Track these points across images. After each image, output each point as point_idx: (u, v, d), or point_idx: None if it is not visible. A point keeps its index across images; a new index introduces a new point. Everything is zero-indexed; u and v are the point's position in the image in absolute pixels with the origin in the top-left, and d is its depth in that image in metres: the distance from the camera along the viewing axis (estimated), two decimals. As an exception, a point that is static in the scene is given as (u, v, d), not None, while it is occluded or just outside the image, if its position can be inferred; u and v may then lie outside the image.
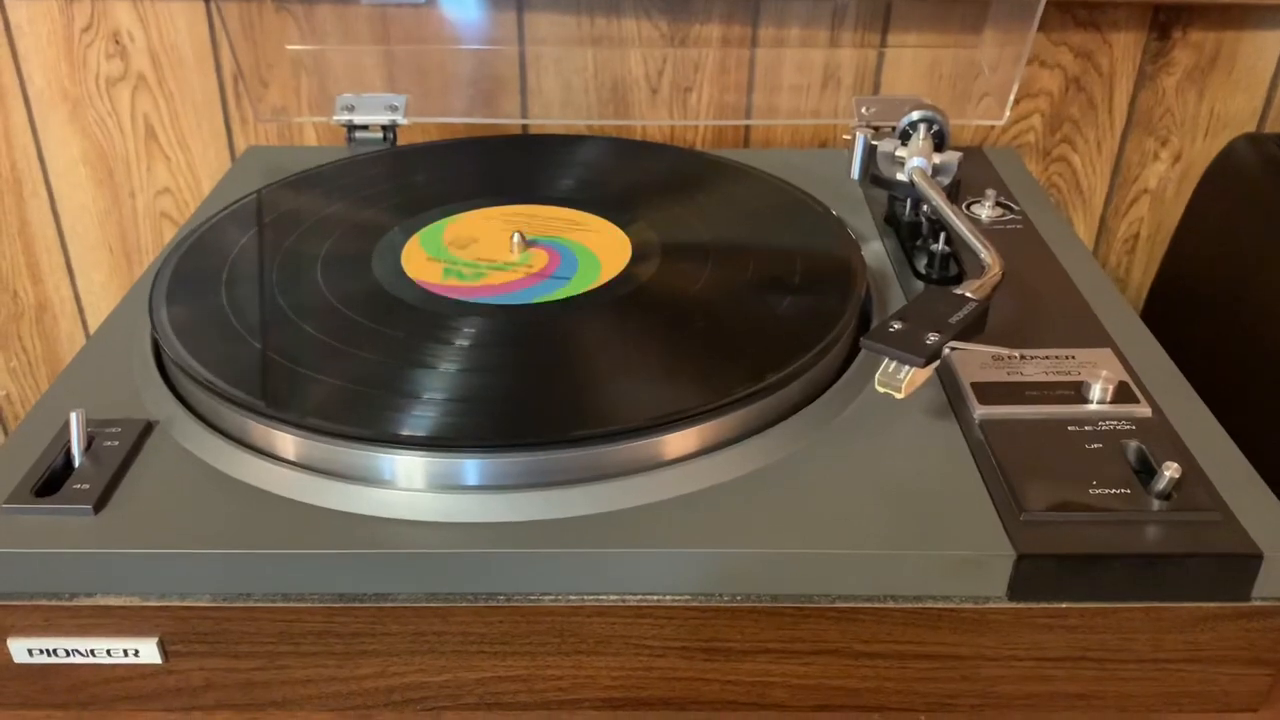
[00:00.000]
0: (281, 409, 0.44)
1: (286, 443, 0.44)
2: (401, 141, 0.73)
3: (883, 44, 0.82)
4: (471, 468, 0.42)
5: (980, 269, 0.48)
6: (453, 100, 0.82)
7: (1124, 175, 0.89)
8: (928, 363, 0.40)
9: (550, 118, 0.85)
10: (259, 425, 0.44)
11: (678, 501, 0.42)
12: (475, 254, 0.56)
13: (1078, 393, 0.47)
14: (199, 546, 0.40)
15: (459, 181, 0.65)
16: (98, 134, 0.86)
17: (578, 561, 0.40)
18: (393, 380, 0.46)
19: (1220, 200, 0.78)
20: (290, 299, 0.52)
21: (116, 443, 0.44)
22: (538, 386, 0.46)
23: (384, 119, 0.72)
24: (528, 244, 0.57)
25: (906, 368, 0.40)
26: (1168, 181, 0.89)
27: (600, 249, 0.56)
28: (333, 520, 0.41)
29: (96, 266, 0.92)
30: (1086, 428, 0.45)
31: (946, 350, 0.41)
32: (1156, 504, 0.41)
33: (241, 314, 0.50)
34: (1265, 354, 0.67)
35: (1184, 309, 0.80)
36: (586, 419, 0.43)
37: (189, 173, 0.88)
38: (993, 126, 0.84)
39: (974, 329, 0.42)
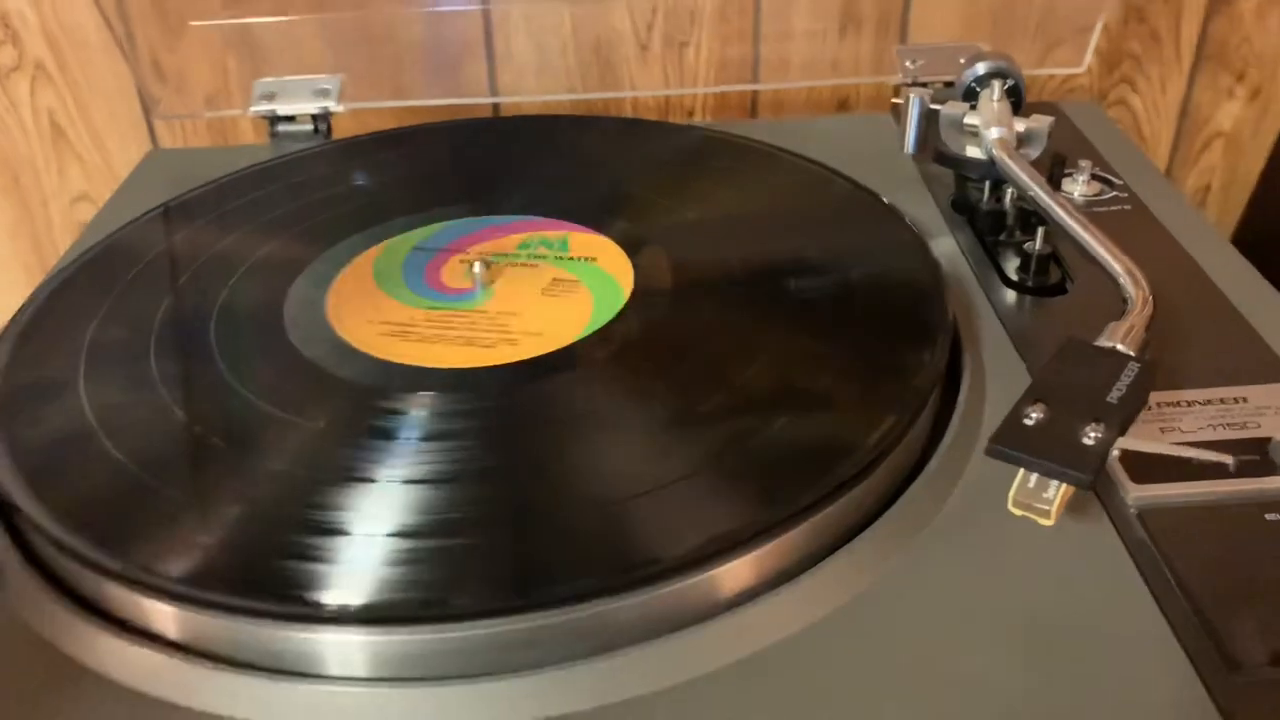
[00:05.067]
0: (153, 567, 0.30)
1: (166, 617, 0.30)
2: (344, 132, 0.59)
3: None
4: (437, 647, 0.29)
5: (1123, 299, 0.34)
6: (407, 77, 0.68)
7: (1193, 118, 0.78)
8: (1095, 477, 0.27)
9: (523, 93, 0.72)
10: (122, 592, 0.31)
11: (709, 681, 0.29)
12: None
13: (1265, 456, 0.34)
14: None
15: (400, 189, 0.51)
16: (-4, 134, 0.72)
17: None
18: (315, 507, 0.32)
19: None
20: (174, 390, 0.38)
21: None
22: (532, 504, 0.33)
23: (312, 107, 0.58)
24: (493, 276, 0.43)
25: (1056, 483, 0.27)
26: (1244, 122, 0.78)
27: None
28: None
29: (11, 288, 0.79)
30: (1292, 514, 0.32)
31: (1115, 452, 0.27)
32: None
33: (101, 421, 0.36)
34: None
35: (1272, 266, 0.70)
36: (609, 559, 0.30)
37: (108, 174, 0.75)
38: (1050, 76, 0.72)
39: (1141, 400, 0.29)
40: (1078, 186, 0.49)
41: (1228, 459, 0.28)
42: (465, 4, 0.69)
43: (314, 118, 0.58)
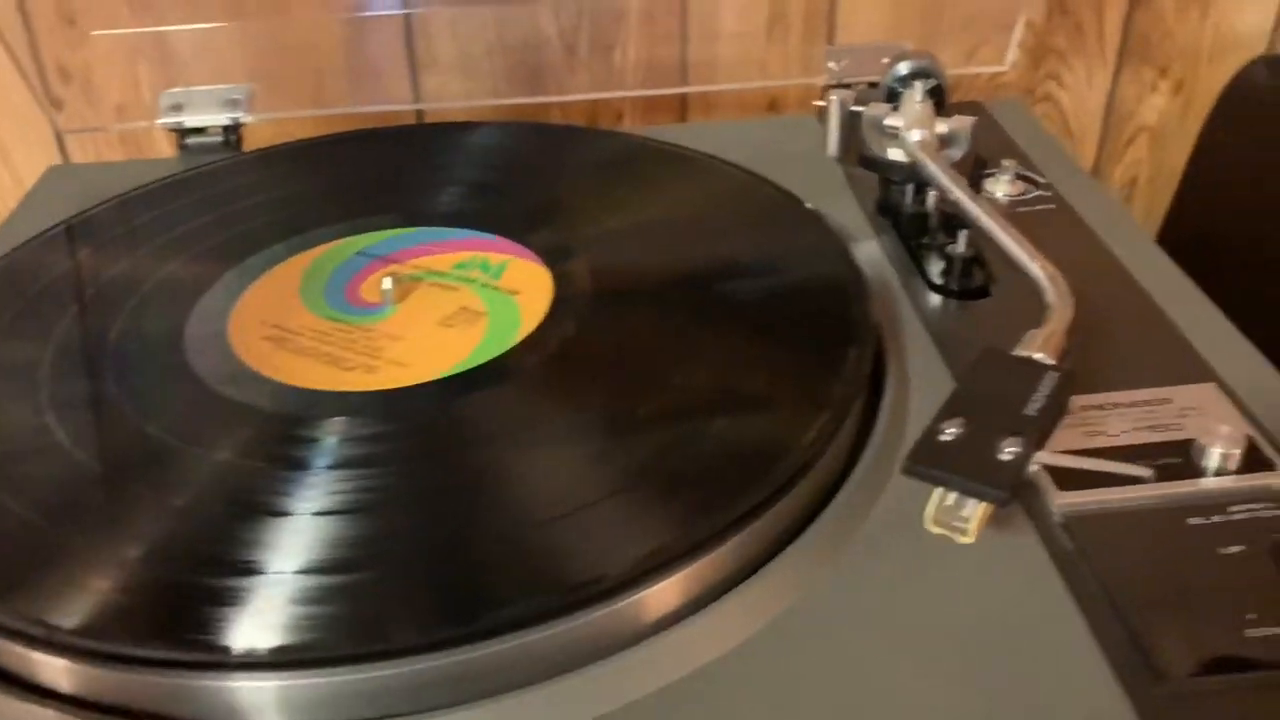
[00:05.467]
0: (44, 618, 0.29)
1: (61, 673, 0.29)
2: (267, 143, 0.57)
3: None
4: (354, 688, 0.28)
5: (1042, 301, 0.34)
6: (327, 84, 0.66)
7: (1119, 112, 0.78)
8: (1012, 494, 0.26)
9: (448, 98, 0.70)
10: (6, 645, 0.29)
11: (635, 711, 0.28)
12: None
13: (1188, 459, 0.34)
14: None
15: (305, 202, 0.49)
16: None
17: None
18: (218, 547, 0.31)
19: (1235, 135, 0.68)
20: (69, 428, 0.36)
21: None
22: (451, 532, 0.31)
23: (222, 118, 0.56)
24: (404, 293, 0.42)
25: (974, 500, 0.26)
26: (1169, 116, 0.78)
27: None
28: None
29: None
30: (1214, 518, 0.32)
31: (1033, 467, 0.27)
32: (1349, 647, 0.28)
33: None
34: None
35: (1198, 262, 0.70)
36: (541, 580, 0.29)
37: (16, 190, 0.71)
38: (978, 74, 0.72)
39: (1060, 410, 0.29)
40: (1001, 186, 0.49)
41: (1145, 471, 0.28)
42: (387, 8, 0.67)
43: (224, 129, 0.56)
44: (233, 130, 0.57)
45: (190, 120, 0.56)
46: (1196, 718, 0.27)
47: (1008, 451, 0.27)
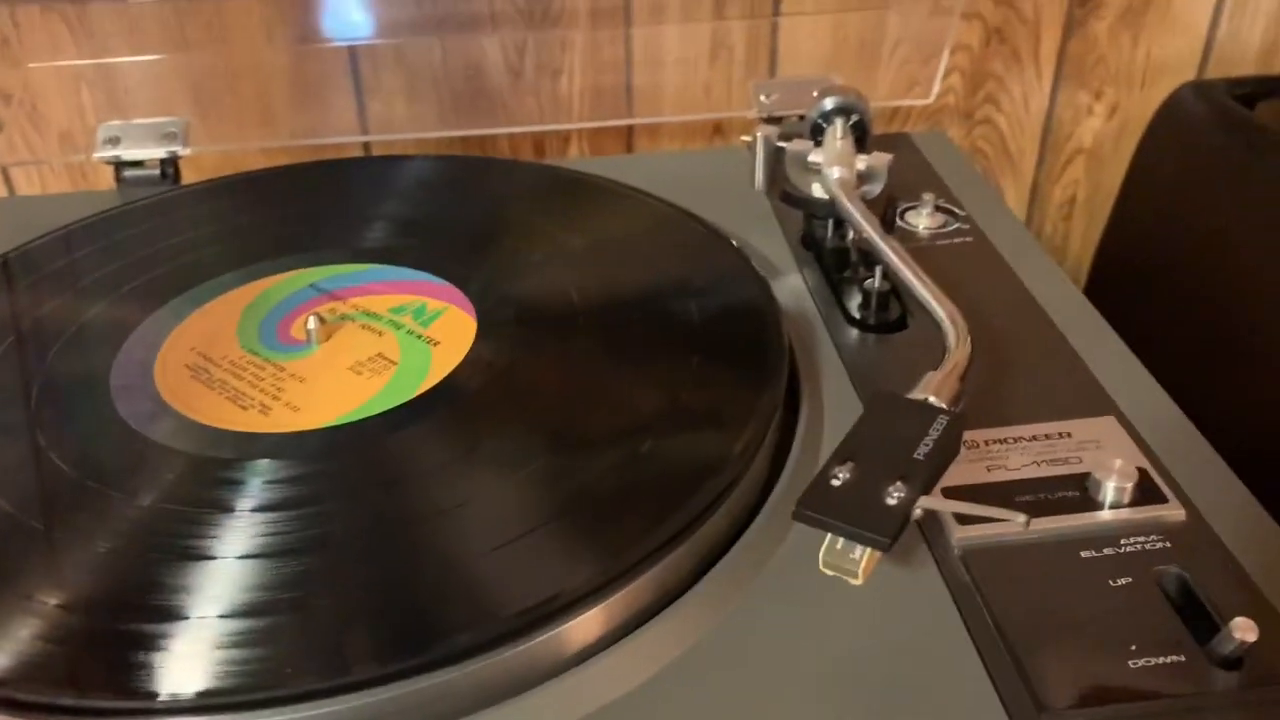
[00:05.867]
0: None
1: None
2: (213, 173, 0.57)
3: (776, 10, 0.70)
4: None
5: (944, 343, 0.35)
6: (271, 114, 0.67)
7: (1056, 134, 0.80)
8: (894, 540, 0.27)
9: (394, 127, 0.70)
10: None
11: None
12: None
13: (1084, 492, 0.35)
14: None
15: (233, 238, 0.50)
16: None
17: None
18: (139, 592, 0.31)
19: (1166, 157, 0.70)
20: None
21: None
22: (361, 574, 0.32)
23: (159, 151, 0.56)
24: (328, 333, 0.43)
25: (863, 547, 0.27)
26: (1104, 138, 0.80)
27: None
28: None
29: None
30: (1106, 550, 0.33)
31: (917, 512, 0.28)
32: (1222, 678, 0.29)
33: None
34: (1227, 325, 0.60)
35: (1132, 280, 0.73)
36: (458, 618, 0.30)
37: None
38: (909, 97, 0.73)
39: (950, 454, 0.30)
40: (922, 219, 0.50)
41: (1021, 516, 0.29)
42: (331, 36, 0.68)
43: (161, 162, 0.57)
44: (169, 163, 0.57)
45: (127, 154, 0.56)
46: (1077, 749, 0.28)
47: (894, 496, 0.28)
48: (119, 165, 0.57)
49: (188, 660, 0.29)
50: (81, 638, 0.30)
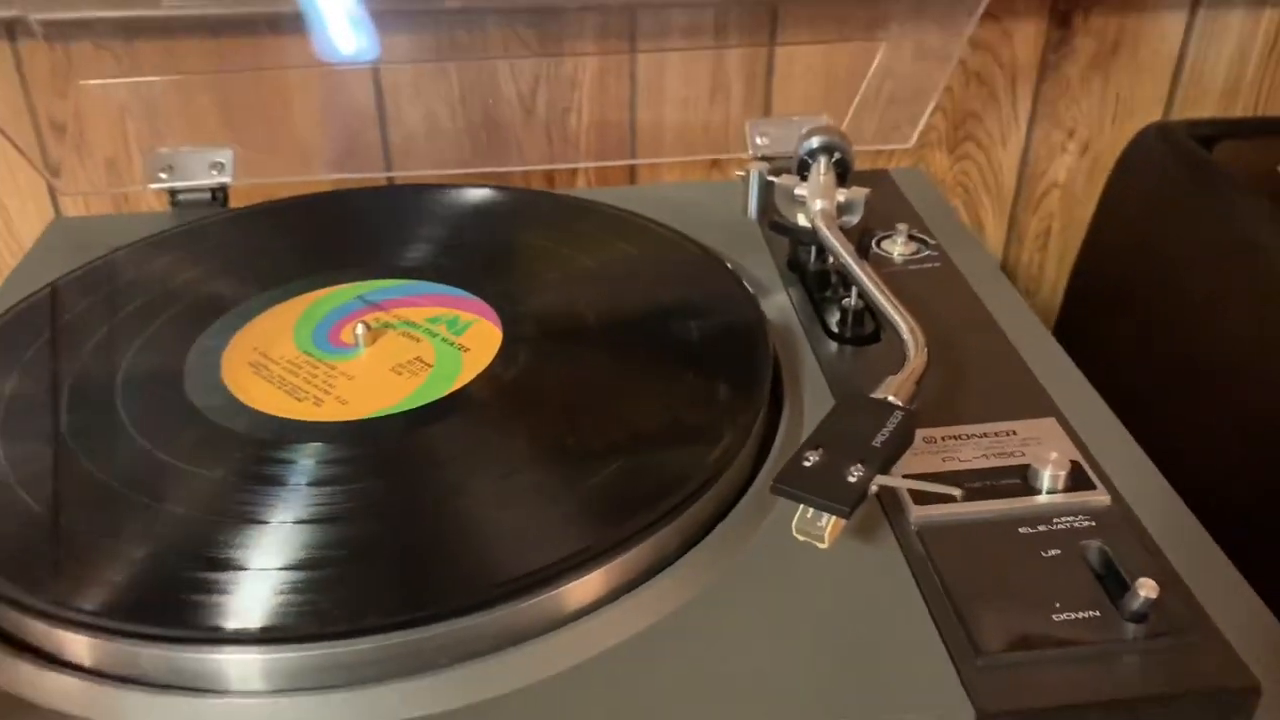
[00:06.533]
0: (61, 601, 0.35)
1: (79, 646, 0.35)
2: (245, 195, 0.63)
3: (771, 44, 0.76)
4: (320, 662, 0.34)
5: (904, 351, 0.41)
6: (302, 142, 0.73)
7: (1032, 169, 0.86)
8: (853, 510, 0.33)
9: (415, 163, 0.76)
10: (34, 623, 0.35)
11: (559, 681, 0.34)
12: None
13: (1024, 480, 0.41)
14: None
15: (290, 254, 0.56)
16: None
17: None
18: (211, 547, 0.37)
19: (1132, 192, 0.75)
20: (81, 442, 0.42)
21: None
22: (399, 537, 0.38)
23: (210, 181, 0.62)
24: (374, 338, 0.49)
25: (827, 514, 0.33)
26: (1077, 173, 0.86)
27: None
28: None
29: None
30: (1040, 527, 0.39)
31: (873, 488, 0.34)
32: (1131, 629, 0.35)
33: (17, 473, 0.41)
34: (1186, 346, 0.64)
35: (1103, 308, 0.78)
36: (477, 576, 0.36)
37: (9, 237, 0.77)
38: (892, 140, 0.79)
39: (904, 443, 0.36)
40: (896, 247, 0.56)
41: (955, 491, 0.35)
42: (356, 68, 0.73)
43: (211, 190, 0.63)
44: (219, 191, 0.63)
45: (180, 184, 0.62)
46: (1006, 683, 0.34)
47: (854, 475, 0.34)
48: (173, 192, 0.63)
49: (252, 602, 0.35)
50: (165, 581, 0.36)
